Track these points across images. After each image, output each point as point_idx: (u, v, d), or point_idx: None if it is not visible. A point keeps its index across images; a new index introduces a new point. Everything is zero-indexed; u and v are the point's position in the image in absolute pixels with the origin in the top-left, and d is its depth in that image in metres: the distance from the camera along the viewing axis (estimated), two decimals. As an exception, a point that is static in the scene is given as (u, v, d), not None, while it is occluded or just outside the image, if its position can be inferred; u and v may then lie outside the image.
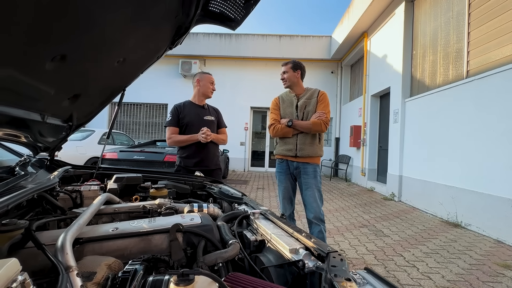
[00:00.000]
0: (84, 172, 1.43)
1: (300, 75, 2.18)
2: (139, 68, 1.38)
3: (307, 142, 2.06)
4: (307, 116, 2.09)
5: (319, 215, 2.00)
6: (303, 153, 2.06)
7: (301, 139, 2.07)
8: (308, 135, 2.07)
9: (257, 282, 0.60)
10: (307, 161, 2.07)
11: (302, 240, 0.84)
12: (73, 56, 0.82)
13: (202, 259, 0.75)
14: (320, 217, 2.00)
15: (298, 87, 2.18)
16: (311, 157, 2.07)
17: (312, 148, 2.06)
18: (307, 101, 2.13)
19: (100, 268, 0.60)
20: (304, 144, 2.06)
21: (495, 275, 2.13)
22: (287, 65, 2.17)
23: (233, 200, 1.37)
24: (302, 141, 2.07)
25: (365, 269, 0.66)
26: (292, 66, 2.15)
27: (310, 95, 2.15)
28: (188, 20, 1.18)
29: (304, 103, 2.12)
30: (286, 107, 2.19)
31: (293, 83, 2.17)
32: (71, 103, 1.10)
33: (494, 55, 3.30)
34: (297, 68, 2.16)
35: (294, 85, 2.18)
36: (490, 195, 3.14)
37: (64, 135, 1.27)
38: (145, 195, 1.33)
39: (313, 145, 2.07)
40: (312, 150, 2.06)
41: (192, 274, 0.47)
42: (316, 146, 2.08)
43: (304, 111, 2.11)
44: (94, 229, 0.80)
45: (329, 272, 0.60)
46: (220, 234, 0.91)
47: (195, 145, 2.09)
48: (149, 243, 0.79)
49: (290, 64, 2.17)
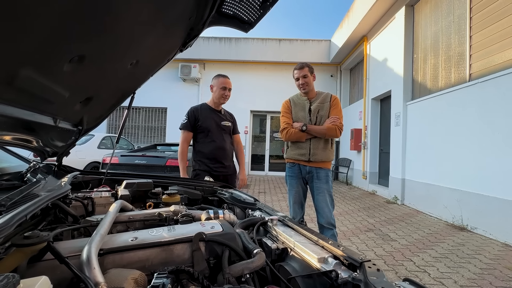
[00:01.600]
0: (93, 178, 1.38)
1: (314, 78, 2.15)
2: (150, 71, 1.35)
3: (320, 147, 2.04)
4: (320, 121, 2.06)
5: (330, 220, 1.98)
6: (316, 157, 2.03)
7: (315, 144, 2.05)
8: (321, 140, 2.04)
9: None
10: (320, 166, 2.05)
11: (330, 249, 0.81)
12: (91, 57, 0.79)
13: (228, 270, 0.71)
14: (331, 222, 1.98)
15: (311, 91, 2.15)
16: (323, 162, 2.05)
17: (325, 153, 2.04)
18: (320, 105, 2.09)
19: (128, 283, 0.56)
20: (317, 149, 2.04)
21: (508, 280, 2.10)
22: (304, 69, 2.08)
23: (246, 206, 1.34)
24: (316, 145, 2.05)
25: (406, 280, 0.63)
26: (310, 70, 2.09)
27: (323, 99, 2.11)
28: (202, 22, 1.15)
29: (317, 108, 2.09)
30: (298, 111, 2.15)
31: (311, 88, 2.13)
32: (82, 106, 1.06)
33: (497, 58, 3.31)
34: (313, 71, 2.12)
35: (311, 89, 2.14)
36: (496, 198, 3.13)
37: (73, 139, 1.22)
38: (156, 201, 1.29)
39: (326, 150, 2.05)
40: (325, 155, 2.04)
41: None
42: (329, 151, 2.06)
43: (317, 116, 2.08)
44: (113, 239, 0.76)
45: (373, 284, 0.57)
46: (242, 242, 0.87)
47: (216, 149, 2.13)
48: (171, 254, 0.75)
49: (307, 67, 2.09)
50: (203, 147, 2.13)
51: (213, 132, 2.12)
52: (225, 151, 2.16)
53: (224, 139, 2.18)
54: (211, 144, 2.13)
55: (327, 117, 2.05)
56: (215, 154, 2.12)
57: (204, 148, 2.13)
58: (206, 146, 2.13)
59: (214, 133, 2.12)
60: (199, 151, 2.13)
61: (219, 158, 2.13)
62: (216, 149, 2.12)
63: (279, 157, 10.18)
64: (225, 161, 2.16)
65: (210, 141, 2.13)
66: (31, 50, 0.55)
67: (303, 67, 2.08)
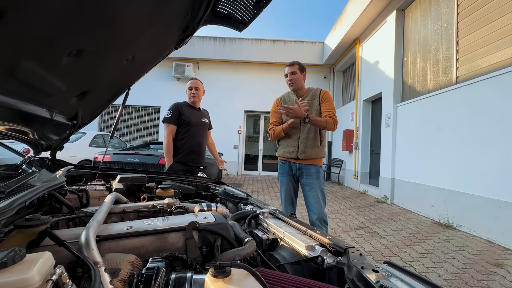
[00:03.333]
0: (86, 172, 1.39)
1: (304, 76, 2.16)
2: (145, 67, 1.37)
3: (308, 144, 2.05)
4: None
5: (322, 216, 1.98)
6: (305, 155, 2.04)
7: (302, 142, 2.06)
8: (309, 137, 2.05)
9: (283, 275, 0.61)
10: (310, 162, 2.06)
11: (317, 238, 0.85)
12: (89, 51, 0.81)
13: (220, 257, 0.75)
14: (323, 218, 1.98)
15: (302, 89, 2.15)
16: (313, 159, 2.06)
17: (313, 150, 2.05)
18: (309, 102, 2.09)
19: (124, 265, 0.58)
20: (305, 147, 2.05)
21: (488, 274, 2.20)
22: (294, 66, 2.10)
23: (238, 201, 1.37)
24: (303, 143, 2.05)
25: (385, 263, 0.68)
26: (299, 68, 2.10)
27: (312, 96, 2.12)
28: (196, 21, 1.18)
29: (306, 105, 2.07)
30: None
31: (300, 85, 2.12)
32: (78, 100, 1.08)
33: (482, 62, 3.45)
34: (303, 70, 2.13)
35: (301, 86, 2.13)
36: (480, 196, 3.26)
37: (67, 134, 1.24)
38: (150, 195, 1.31)
39: (315, 147, 2.05)
40: (314, 152, 2.05)
41: (229, 266, 0.47)
42: (318, 148, 2.06)
43: (306, 113, 2.06)
44: (109, 228, 0.79)
45: (355, 265, 0.61)
46: (234, 232, 0.91)
47: (195, 143, 2.30)
48: (165, 242, 0.78)
49: (297, 65, 2.11)
50: (182, 141, 2.26)
51: (194, 128, 2.29)
52: (201, 145, 2.36)
53: (202, 134, 2.39)
54: (192, 138, 2.28)
55: (317, 114, 2.05)
56: (194, 147, 2.29)
57: (183, 142, 2.26)
58: (186, 139, 2.26)
59: (194, 128, 2.29)
60: (179, 144, 2.26)
61: (197, 151, 2.31)
62: (194, 144, 2.30)
63: (273, 157, 10.24)
64: (201, 154, 2.36)
65: (190, 135, 2.27)
66: (32, 42, 0.58)
67: (293, 64, 2.11)
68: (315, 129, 2.05)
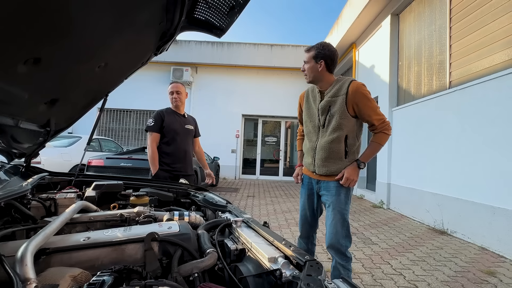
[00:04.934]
0: (62, 179, 1.38)
1: (325, 66, 1.56)
2: (122, 74, 1.36)
3: (328, 157, 1.56)
4: (329, 121, 1.56)
5: (336, 244, 1.52)
6: (322, 170, 1.58)
7: (320, 153, 1.58)
8: (328, 149, 1.55)
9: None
10: (328, 179, 1.59)
11: (282, 249, 0.83)
12: (49, 60, 0.80)
13: (177, 270, 0.73)
14: (338, 247, 1.51)
15: (324, 82, 1.60)
16: (333, 176, 1.56)
17: (335, 165, 1.55)
18: (331, 100, 1.56)
19: (64, 280, 0.57)
20: (323, 160, 1.57)
21: (480, 282, 2.16)
22: (307, 52, 1.61)
23: (217, 208, 1.35)
24: (321, 155, 1.58)
25: (341, 279, 0.65)
26: (314, 55, 1.57)
27: (337, 91, 1.54)
28: (173, 27, 1.17)
29: (327, 104, 1.57)
30: (309, 108, 1.69)
31: (316, 77, 1.60)
32: (48, 107, 1.07)
33: (475, 66, 3.43)
34: (320, 58, 1.55)
35: (319, 79, 1.60)
36: (474, 202, 3.21)
37: (41, 140, 1.22)
38: (125, 203, 1.29)
39: (337, 161, 1.55)
40: (336, 166, 1.55)
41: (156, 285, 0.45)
42: (342, 162, 1.55)
43: (327, 115, 1.57)
44: (65, 239, 0.77)
45: (302, 281, 0.59)
46: (199, 243, 0.89)
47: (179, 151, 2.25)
48: (122, 253, 0.76)
49: (313, 51, 1.58)
50: (166, 148, 2.22)
51: (178, 134, 2.24)
52: (186, 153, 2.29)
53: (187, 141, 2.33)
54: (175, 145, 2.23)
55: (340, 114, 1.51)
56: (178, 155, 2.24)
57: (168, 149, 2.22)
58: (170, 147, 2.22)
59: (178, 135, 2.24)
60: (163, 152, 2.22)
61: (181, 159, 2.26)
62: (179, 151, 2.24)
63: (271, 161, 10.22)
64: (186, 162, 2.29)
65: (174, 142, 2.23)
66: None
67: (308, 50, 1.62)
68: (338, 137, 1.53)
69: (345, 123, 1.52)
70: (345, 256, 1.53)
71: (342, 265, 1.52)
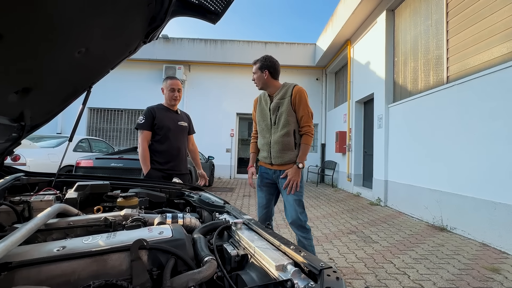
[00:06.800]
0: (41, 180, 1.24)
1: (269, 74, 1.89)
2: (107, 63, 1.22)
3: (281, 149, 1.86)
4: (279, 119, 1.86)
5: (297, 220, 1.81)
6: (278, 160, 1.87)
7: (274, 147, 1.87)
8: (280, 142, 1.85)
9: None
10: (284, 168, 1.87)
11: (291, 254, 0.73)
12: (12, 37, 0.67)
13: (169, 283, 0.61)
14: (299, 223, 1.81)
15: (271, 87, 1.93)
16: (288, 164, 1.86)
17: (287, 155, 1.85)
18: (279, 101, 1.88)
19: (26, 304, 0.45)
20: (277, 151, 1.87)
21: (485, 280, 2.10)
22: (255, 64, 1.93)
23: (213, 209, 1.24)
24: (276, 148, 1.87)
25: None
26: (259, 66, 1.90)
27: (283, 94, 1.88)
28: (163, 10, 1.05)
29: (277, 105, 1.88)
30: (262, 110, 1.99)
31: (264, 84, 1.92)
32: (20, 98, 0.93)
33: (473, 61, 3.40)
34: (265, 68, 1.88)
35: (267, 86, 1.93)
36: (474, 198, 3.18)
37: (15, 136, 1.09)
38: (112, 205, 1.16)
39: (289, 152, 1.85)
40: (288, 157, 1.85)
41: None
42: (293, 152, 1.86)
43: (277, 114, 1.87)
44: (34, 249, 0.64)
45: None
46: (195, 249, 0.77)
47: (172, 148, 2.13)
48: (104, 265, 0.64)
49: (258, 63, 1.91)
50: (159, 146, 2.10)
51: (170, 132, 2.13)
52: (180, 151, 2.18)
53: (180, 138, 2.22)
54: (167, 143, 2.11)
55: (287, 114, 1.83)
56: (171, 153, 2.12)
57: (160, 147, 2.10)
58: (162, 145, 2.10)
59: (170, 133, 2.13)
60: (155, 150, 2.09)
61: (174, 157, 2.14)
62: (172, 149, 2.13)
63: (266, 160, 10.11)
64: (180, 160, 2.18)
65: (166, 140, 2.11)
66: None
67: (254, 63, 1.94)
68: (288, 131, 1.84)
69: (292, 119, 1.84)
70: (305, 229, 1.84)
71: (304, 237, 1.82)
